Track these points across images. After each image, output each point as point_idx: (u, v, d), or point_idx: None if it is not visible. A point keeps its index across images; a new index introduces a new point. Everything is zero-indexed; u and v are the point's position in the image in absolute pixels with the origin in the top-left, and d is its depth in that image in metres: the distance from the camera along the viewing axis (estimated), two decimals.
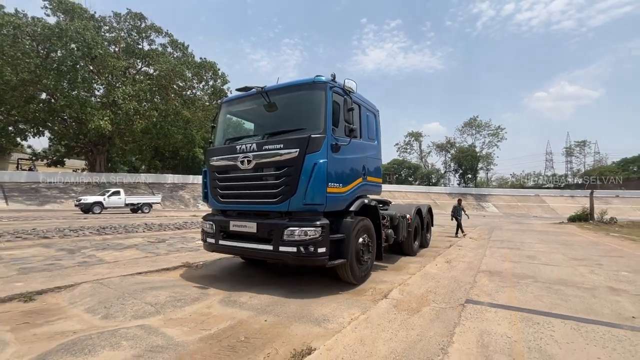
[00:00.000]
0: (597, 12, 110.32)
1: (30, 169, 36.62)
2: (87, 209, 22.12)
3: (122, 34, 36.39)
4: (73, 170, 38.90)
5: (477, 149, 64.99)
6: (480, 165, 66.51)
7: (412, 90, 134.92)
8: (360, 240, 4.83)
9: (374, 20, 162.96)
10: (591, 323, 3.41)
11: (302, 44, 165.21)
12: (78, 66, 30.06)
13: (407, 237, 7.25)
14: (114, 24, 36.22)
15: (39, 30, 27.77)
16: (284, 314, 3.58)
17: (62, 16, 31.74)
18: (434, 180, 69.75)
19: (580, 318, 3.56)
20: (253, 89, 4.87)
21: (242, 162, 4.52)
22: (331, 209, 4.41)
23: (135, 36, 37.58)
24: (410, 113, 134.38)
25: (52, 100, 31.10)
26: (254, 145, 4.49)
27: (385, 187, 56.49)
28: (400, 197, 52.49)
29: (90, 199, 22.85)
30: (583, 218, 25.82)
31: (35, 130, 35.02)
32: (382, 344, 2.83)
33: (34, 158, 37.26)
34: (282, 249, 4.07)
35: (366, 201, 5.16)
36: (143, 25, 37.22)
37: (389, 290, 4.56)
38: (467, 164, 65.53)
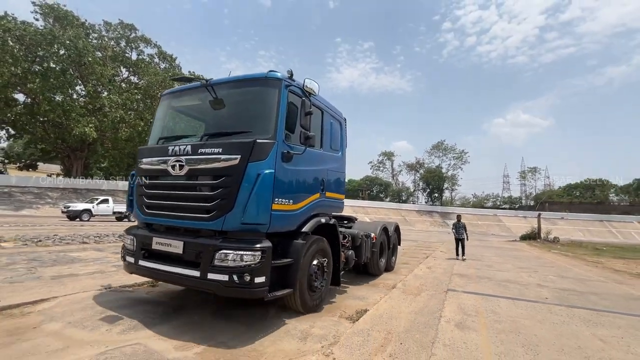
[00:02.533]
0: (546, 50, 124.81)
1: (0, 172, 35.14)
2: (75, 215, 22.29)
3: (111, 43, 36.73)
4: (48, 175, 37.74)
5: (444, 170, 70.34)
6: (446, 185, 71.83)
7: (382, 109, 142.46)
8: (314, 264, 4.29)
9: (348, 40, 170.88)
10: (521, 300, 5.67)
11: (278, 57, 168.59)
12: (67, 72, 30.09)
13: (371, 258, 6.77)
14: (103, 33, 36.57)
15: (30, 35, 27.78)
16: (338, 296, 5.49)
17: (51, 21, 31.80)
18: (404, 198, 73.96)
19: (516, 298, 5.82)
20: (198, 82, 4.32)
21: (173, 166, 3.81)
22: (278, 229, 3.77)
23: (123, 45, 38.04)
24: (380, 131, 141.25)
25: (35, 104, 30.67)
26: (189, 148, 3.78)
27: (359, 203, 59.13)
28: (373, 213, 55.44)
29: (79, 206, 23.03)
30: (532, 237, 29.75)
31: (8, 133, 34.12)
32: (404, 307, 4.84)
33: (5, 161, 35.82)
34: (210, 276, 3.36)
35: (323, 220, 4.57)
36: (133, 35, 37.87)
37: (394, 284, 6.59)
38: (434, 183, 70.55)
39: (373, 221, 8.37)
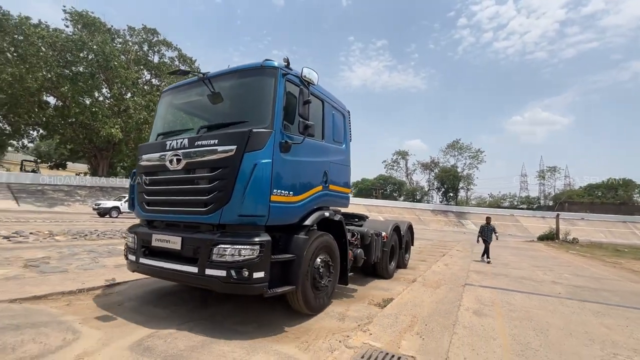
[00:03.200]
0: (567, 45, 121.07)
1: (33, 171, 37.28)
2: (105, 212, 23.63)
3: (134, 47, 38.30)
4: (76, 174, 39.75)
5: (459, 170, 69.61)
6: (461, 184, 71.08)
7: (395, 107, 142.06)
8: (319, 260, 4.14)
9: (361, 39, 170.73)
10: (535, 294, 6.09)
11: (291, 57, 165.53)
12: (96, 76, 31.68)
13: (381, 258, 6.52)
14: (127, 37, 38.18)
15: (61, 41, 29.42)
16: (364, 287, 6.06)
17: (80, 27, 33.47)
18: (418, 197, 73.62)
19: (530, 292, 6.24)
20: (195, 77, 4.31)
21: (170, 161, 3.80)
22: (277, 222, 3.73)
23: (146, 49, 39.58)
24: (392, 129, 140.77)
25: (65, 107, 32.42)
26: (186, 142, 3.77)
27: (373, 202, 59.27)
28: (387, 212, 55.60)
29: (108, 203, 24.39)
30: (550, 237, 29.42)
31: (40, 134, 36.17)
32: (426, 297, 5.36)
33: (38, 160, 37.99)
34: (208, 272, 3.31)
35: (327, 214, 4.48)
36: (155, 39, 39.36)
37: (414, 279, 7.08)
38: (449, 183, 69.94)
39: (385, 220, 8.07)
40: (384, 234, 6.65)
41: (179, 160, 3.76)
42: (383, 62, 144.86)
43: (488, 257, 10.93)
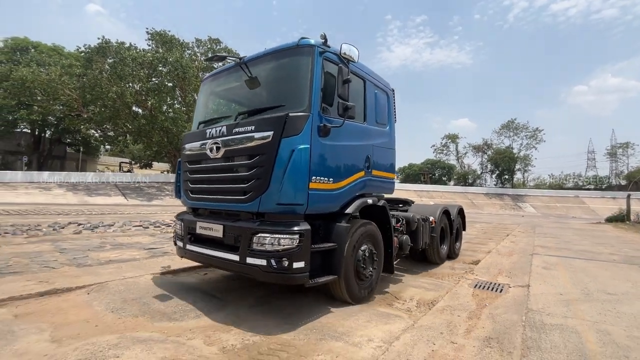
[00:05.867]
0: None
1: (128, 171, 44.27)
2: None
3: (201, 58, 43.05)
4: (161, 172, 46.32)
5: (515, 151, 66.74)
6: (517, 166, 68.15)
7: (439, 86, 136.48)
8: (362, 250, 4.08)
9: (399, 17, 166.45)
10: (593, 260, 7.92)
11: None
12: (175, 87, 36.72)
13: (430, 244, 6.39)
14: (195, 48, 42.99)
15: (148, 59, 34.58)
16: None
17: (158, 44, 38.66)
18: (470, 181, 72.13)
19: (588, 259, 8.07)
20: (232, 62, 4.28)
21: (211, 149, 3.87)
22: (317, 210, 3.68)
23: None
24: (436, 109, 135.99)
25: (152, 116, 38.11)
26: (224, 129, 3.83)
27: (423, 187, 59.71)
28: (437, 197, 55.89)
29: None
30: (620, 219, 28.53)
31: (133, 139, 42.71)
32: (504, 261, 7.51)
33: (132, 162, 45.14)
34: (249, 260, 3.40)
35: (370, 201, 4.34)
36: (218, 47, 43.74)
37: (489, 250, 9.15)
38: (504, 165, 67.44)
39: (433, 204, 7.67)
40: (431, 218, 6.50)
41: (218, 149, 3.82)
42: (423, 39, 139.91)
43: None
